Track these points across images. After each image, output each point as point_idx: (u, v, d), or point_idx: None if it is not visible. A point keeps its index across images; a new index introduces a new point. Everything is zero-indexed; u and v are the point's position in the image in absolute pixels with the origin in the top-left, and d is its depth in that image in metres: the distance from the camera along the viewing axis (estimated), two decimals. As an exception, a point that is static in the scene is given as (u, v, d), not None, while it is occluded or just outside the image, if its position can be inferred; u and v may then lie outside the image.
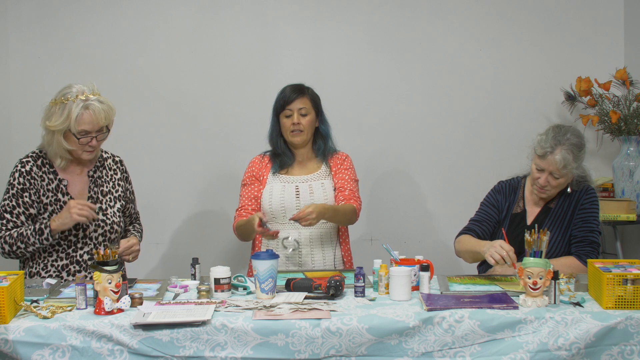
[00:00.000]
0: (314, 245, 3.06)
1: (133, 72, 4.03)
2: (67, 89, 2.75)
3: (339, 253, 3.12)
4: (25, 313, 2.27)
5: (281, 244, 3.01)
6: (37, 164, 2.83)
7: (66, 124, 2.70)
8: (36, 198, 2.79)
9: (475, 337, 2.20)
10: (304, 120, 3.05)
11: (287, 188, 3.06)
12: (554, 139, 2.83)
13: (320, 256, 3.06)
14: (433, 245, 3.92)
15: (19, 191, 2.78)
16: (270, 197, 3.06)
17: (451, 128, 4.12)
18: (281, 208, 3.04)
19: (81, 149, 2.76)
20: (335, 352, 2.18)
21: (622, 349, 2.19)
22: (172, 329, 2.17)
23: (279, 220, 3.06)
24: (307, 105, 3.07)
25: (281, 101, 3.08)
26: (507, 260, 2.61)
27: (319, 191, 3.02)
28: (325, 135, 3.15)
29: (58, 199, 2.82)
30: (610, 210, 3.59)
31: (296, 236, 3.03)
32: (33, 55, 4.00)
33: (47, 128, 2.75)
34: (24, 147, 3.98)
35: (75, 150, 2.78)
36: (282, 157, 3.12)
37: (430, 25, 4.08)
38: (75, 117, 2.69)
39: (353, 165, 3.18)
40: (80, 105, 2.69)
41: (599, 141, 3.97)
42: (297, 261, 3.04)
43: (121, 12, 4.01)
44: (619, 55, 4.05)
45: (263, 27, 4.06)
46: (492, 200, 3.07)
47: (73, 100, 2.70)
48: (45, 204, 2.81)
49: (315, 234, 3.06)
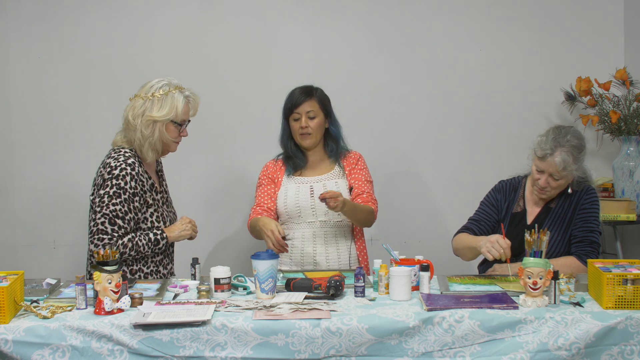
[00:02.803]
0: (328, 243, 3.06)
1: (133, 72, 4.03)
2: (157, 83, 2.81)
3: (354, 252, 3.12)
4: (25, 313, 2.28)
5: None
6: (138, 163, 2.81)
7: (172, 113, 2.78)
8: (143, 201, 2.79)
9: (475, 337, 2.20)
10: (312, 123, 3.06)
11: (301, 188, 3.08)
12: (554, 140, 2.83)
13: (335, 255, 3.07)
14: (433, 245, 3.91)
15: (130, 196, 2.73)
16: (285, 198, 3.08)
17: (451, 128, 4.12)
18: (296, 208, 3.05)
19: (177, 139, 2.85)
20: (335, 352, 2.18)
21: (622, 349, 2.19)
22: (172, 329, 2.17)
23: (294, 220, 3.07)
24: (315, 107, 3.07)
25: (289, 104, 3.09)
26: (502, 257, 2.62)
27: (333, 189, 3.00)
28: (336, 137, 3.15)
29: (154, 199, 2.85)
30: (610, 210, 3.59)
31: (311, 235, 3.03)
32: (33, 55, 4.00)
33: (148, 120, 2.77)
34: (24, 147, 4.03)
35: (168, 142, 2.83)
36: (295, 160, 3.13)
37: (430, 25, 4.08)
38: (182, 106, 2.79)
39: (366, 165, 3.18)
40: (183, 95, 2.81)
41: (599, 141, 3.97)
42: (311, 260, 3.04)
43: (121, 12, 4.01)
44: (619, 55, 4.05)
45: (263, 27, 4.06)
46: (491, 200, 3.07)
47: (173, 92, 2.79)
48: (149, 204, 2.82)
49: (330, 232, 3.07)
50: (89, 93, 4.02)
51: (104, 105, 4.02)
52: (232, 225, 4.05)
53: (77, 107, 4.02)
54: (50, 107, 4.02)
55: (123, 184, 2.72)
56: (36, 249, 4.05)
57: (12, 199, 4.04)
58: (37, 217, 4.05)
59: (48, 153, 4.03)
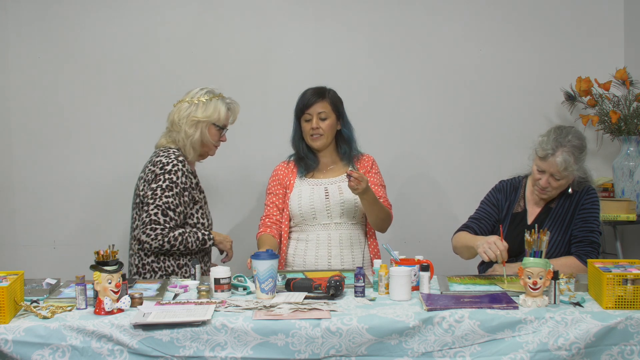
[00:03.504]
0: (343, 246, 3.05)
1: (133, 72, 4.03)
2: (200, 90, 3.04)
3: (368, 254, 3.11)
4: (25, 313, 2.28)
5: None
6: (186, 161, 2.98)
7: (215, 116, 3.00)
8: (191, 197, 2.94)
9: (475, 337, 2.20)
10: (323, 124, 3.05)
11: (316, 190, 3.06)
12: (555, 140, 2.83)
13: (349, 257, 3.05)
14: (433, 245, 3.91)
15: (181, 190, 2.89)
16: (299, 200, 3.06)
17: (451, 128, 4.12)
18: (311, 210, 3.04)
19: (217, 143, 3.07)
20: (335, 352, 2.18)
21: (622, 349, 2.19)
22: (172, 329, 2.17)
23: (308, 222, 3.05)
24: (326, 109, 3.06)
25: (301, 105, 3.08)
26: (498, 259, 2.62)
27: (348, 191, 2.98)
28: (348, 139, 3.13)
29: (199, 197, 3.00)
30: (610, 210, 3.59)
31: (325, 238, 3.03)
32: (33, 55, 4.00)
33: (192, 120, 2.98)
34: (24, 147, 4.03)
35: (208, 144, 3.04)
36: (306, 161, 3.10)
37: (430, 26, 4.08)
38: (224, 111, 3.03)
39: (379, 170, 3.18)
40: (225, 102, 3.05)
41: (599, 141, 3.97)
42: (326, 263, 3.03)
43: (121, 12, 4.01)
44: (619, 55, 4.05)
45: (263, 27, 4.06)
46: (492, 199, 3.07)
47: (216, 99, 3.02)
48: (196, 201, 2.97)
49: (345, 235, 3.06)
50: (88, 93, 4.02)
51: (104, 105, 4.02)
52: (233, 225, 4.05)
53: (77, 107, 4.02)
54: (50, 107, 4.02)
55: (175, 179, 2.89)
56: (36, 249, 4.05)
57: (12, 199, 4.04)
58: (37, 217, 4.05)
59: (48, 153, 4.03)
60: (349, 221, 3.06)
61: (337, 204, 3.02)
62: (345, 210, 3.04)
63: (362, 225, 3.12)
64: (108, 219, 4.04)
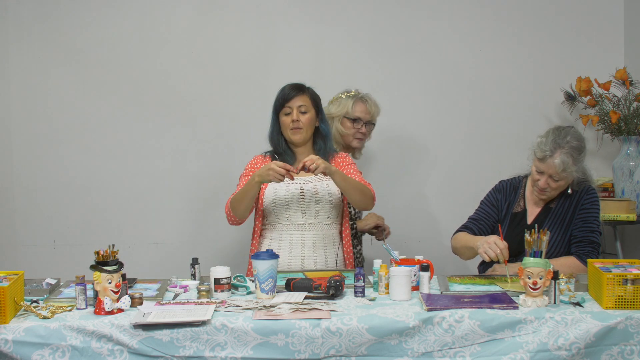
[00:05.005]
0: (317, 247, 3.04)
1: (133, 72, 4.03)
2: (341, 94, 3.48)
3: (341, 255, 3.10)
4: (25, 313, 2.28)
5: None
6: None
7: (343, 111, 3.40)
8: None
9: (475, 337, 2.20)
10: (303, 117, 3.03)
11: (291, 188, 3.02)
12: (553, 142, 2.82)
13: (322, 258, 3.04)
14: (433, 245, 3.92)
15: None
16: (274, 195, 3.02)
17: (451, 128, 4.12)
18: (285, 208, 3.01)
19: (353, 135, 3.41)
20: (335, 352, 2.18)
21: (622, 349, 2.19)
22: (172, 329, 2.17)
23: (282, 222, 3.04)
24: (306, 102, 3.05)
25: (281, 99, 3.06)
26: (500, 258, 2.62)
27: (323, 191, 2.99)
28: (325, 135, 3.11)
29: None
30: (610, 210, 3.59)
31: (299, 238, 3.02)
32: (33, 55, 4.00)
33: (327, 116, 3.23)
34: (24, 147, 4.03)
35: (347, 136, 3.41)
36: (284, 157, 3.08)
37: (430, 26, 4.08)
38: (351, 105, 3.41)
39: (354, 162, 3.17)
40: (355, 97, 3.44)
41: (599, 141, 3.97)
42: (299, 263, 3.02)
43: (121, 12, 4.01)
44: (619, 55, 4.05)
45: (263, 27, 4.06)
46: (491, 199, 3.07)
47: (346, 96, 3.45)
48: None
49: (319, 235, 3.04)
50: (89, 93, 4.02)
51: (104, 105, 4.02)
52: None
53: (77, 107, 4.02)
54: (50, 107, 4.02)
55: None
56: (36, 249, 4.05)
57: (12, 199, 4.04)
58: (37, 217, 4.05)
59: (48, 153, 4.03)
60: (323, 222, 3.04)
61: (312, 204, 3.00)
62: (320, 210, 3.02)
63: (337, 226, 3.10)
64: (108, 219, 4.04)
